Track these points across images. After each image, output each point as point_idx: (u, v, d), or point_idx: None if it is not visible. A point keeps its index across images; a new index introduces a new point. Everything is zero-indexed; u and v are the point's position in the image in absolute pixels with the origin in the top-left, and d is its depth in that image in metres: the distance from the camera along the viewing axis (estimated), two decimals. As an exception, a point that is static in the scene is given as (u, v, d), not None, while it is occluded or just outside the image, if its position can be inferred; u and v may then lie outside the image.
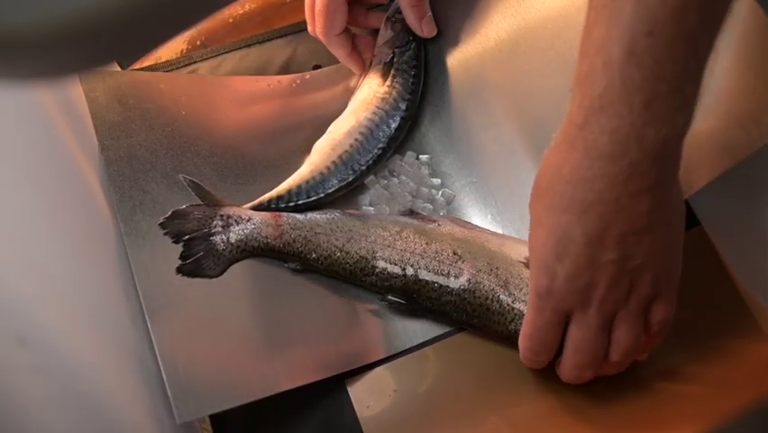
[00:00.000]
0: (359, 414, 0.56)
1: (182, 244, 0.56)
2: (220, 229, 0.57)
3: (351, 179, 0.61)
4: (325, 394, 0.57)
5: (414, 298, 0.57)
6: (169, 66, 0.69)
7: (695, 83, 0.41)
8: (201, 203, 0.58)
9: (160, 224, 0.56)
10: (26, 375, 0.46)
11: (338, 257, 0.58)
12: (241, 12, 0.72)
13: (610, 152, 0.41)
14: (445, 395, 0.58)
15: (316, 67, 0.70)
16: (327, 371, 0.56)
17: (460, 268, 0.56)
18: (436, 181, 0.64)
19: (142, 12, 0.22)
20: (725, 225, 0.55)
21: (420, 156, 0.65)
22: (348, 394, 0.57)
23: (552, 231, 0.44)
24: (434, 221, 0.59)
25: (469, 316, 0.56)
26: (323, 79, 0.69)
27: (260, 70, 0.70)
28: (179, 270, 0.55)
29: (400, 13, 0.65)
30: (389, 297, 0.58)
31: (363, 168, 0.61)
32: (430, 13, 0.64)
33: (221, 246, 0.57)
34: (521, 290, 0.55)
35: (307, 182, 0.60)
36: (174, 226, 0.56)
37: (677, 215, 0.46)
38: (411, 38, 0.65)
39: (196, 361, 0.52)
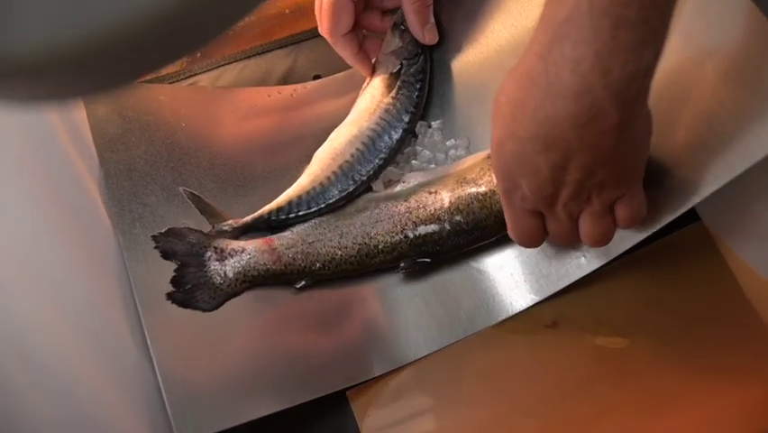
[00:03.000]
0: (360, 425, 0.56)
1: (174, 270, 0.55)
2: (216, 262, 0.56)
3: (351, 189, 0.60)
4: (327, 407, 0.57)
5: (423, 252, 0.58)
6: (169, 78, 0.69)
7: (663, 15, 0.39)
8: (197, 229, 0.57)
9: (153, 236, 0.55)
10: (27, 393, 0.45)
11: (340, 255, 0.58)
12: (240, 23, 0.72)
13: (573, 87, 0.40)
14: (447, 404, 0.58)
15: (316, 77, 0.70)
16: (330, 387, 0.56)
17: (441, 200, 0.58)
18: (450, 143, 0.64)
19: (150, 34, 0.22)
20: (725, 217, 0.54)
21: (432, 123, 0.65)
22: (350, 406, 0.57)
23: (516, 153, 0.44)
24: (399, 181, 0.61)
25: (468, 232, 0.58)
26: (323, 90, 0.69)
27: (261, 81, 0.69)
28: (170, 297, 0.54)
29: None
30: (402, 264, 0.59)
31: (364, 178, 0.61)
32: (433, 21, 0.64)
33: (217, 280, 0.56)
34: (489, 175, 0.57)
35: (308, 193, 0.60)
36: (167, 243, 0.56)
37: (642, 134, 0.45)
38: (419, 50, 0.64)
39: (197, 378, 0.52)
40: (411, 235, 0.58)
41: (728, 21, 0.48)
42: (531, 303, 0.58)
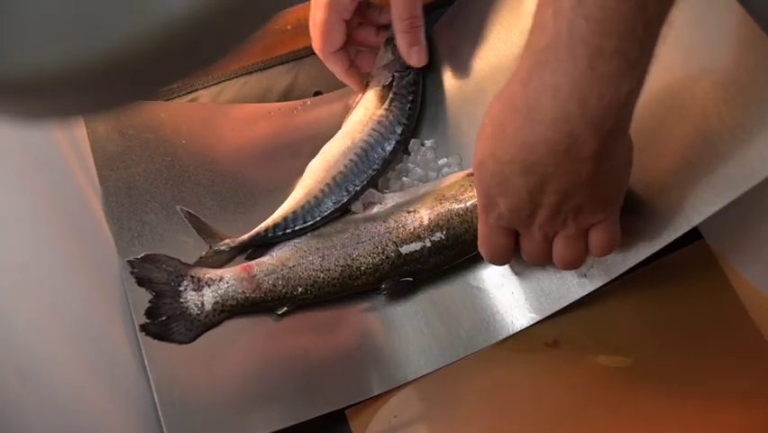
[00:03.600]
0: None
1: (149, 300, 0.54)
2: (192, 293, 0.55)
3: (345, 200, 0.61)
4: (326, 426, 0.56)
5: (405, 271, 0.58)
6: (170, 93, 0.69)
7: (642, 49, 0.39)
8: (174, 257, 0.56)
9: (128, 261, 0.54)
10: (26, 410, 0.45)
11: (323, 278, 0.58)
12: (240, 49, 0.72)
13: (551, 114, 0.40)
14: (446, 423, 0.57)
15: (317, 93, 0.70)
16: (329, 405, 0.55)
17: (420, 219, 0.58)
18: (442, 161, 0.64)
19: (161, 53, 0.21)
20: (729, 237, 0.54)
21: (425, 142, 0.65)
22: (348, 424, 0.56)
23: (495, 173, 0.45)
24: (376, 203, 0.61)
25: (449, 248, 0.58)
26: (323, 106, 0.68)
27: (262, 97, 0.69)
28: (144, 328, 0.53)
29: None
30: (383, 285, 0.58)
31: (358, 189, 0.61)
32: (423, 43, 0.64)
33: (194, 311, 0.55)
34: (471, 191, 0.58)
35: (302, 207, 0.60)
36: (143, 270, 0.55)
37: (623, 163, 0.46)
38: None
39: (193, 396, 0.52)
40: (393, 255, 0.58)
41: (727, 36, 0.48)
42: (532, 322, 0.58)
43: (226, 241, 0.58)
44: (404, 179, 0.64)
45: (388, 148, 0.62)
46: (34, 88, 0.21)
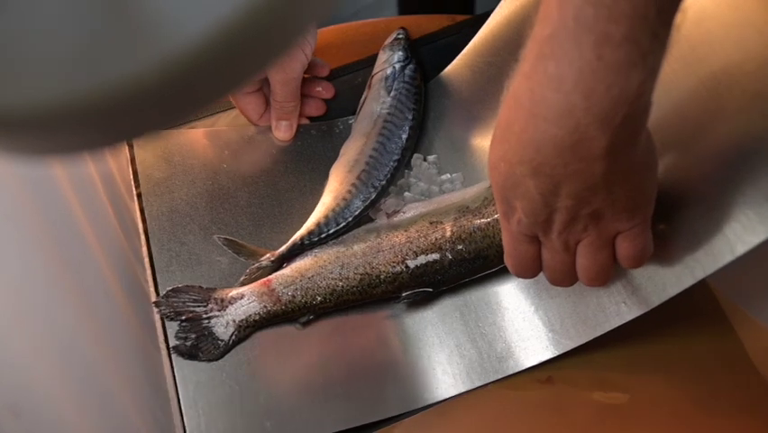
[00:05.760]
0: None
1: (179, 324, 0.57)
2: (217, 313, 0.58)
3: (374, 196, 0.63)
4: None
5: (425, 281, 0.59)
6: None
7: (654, 37, 0.36)
8: (195, 285, 0.59)
9: (155, 302, 0.58)
10: None
11: (342, 287, 0.59)
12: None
13: (556, 108, 0.38)
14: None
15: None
16: (353, 420, 0.56)
17: (442, 229, 0.58)
18: (445, 177, 0.65)
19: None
20: (733, 276, 0.50)
21: (427, 157, 0.67)
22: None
23: (508, 176, 0.43)
24: (398, 212, 0.61)
25: (470, 262, 0.58)
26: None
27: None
28: (176, 349, 0.57)
29: (398, 36, 0.69)
30: (403, 294, 0.59)
31: (383, 183, 0.63)
32: (292, 122, 0.67)
33: (221, 329, 0.58)
34: (494, 205, 0.57)
35: (333, 210, 0.62)
36: (169, 306, 0.58)
37: (643, 165, 0.42)
38: (410, 55, 0.68)
39: (218, 418, 0.55)
40: (412, 265, 0.58)
41: None
42: (565, 349, 0.56)
43: (267, 255, 0.61)
44: (406, 194, 0.65)
45: (404, 136, 0.65)
46: (41, 124, 0.21)
